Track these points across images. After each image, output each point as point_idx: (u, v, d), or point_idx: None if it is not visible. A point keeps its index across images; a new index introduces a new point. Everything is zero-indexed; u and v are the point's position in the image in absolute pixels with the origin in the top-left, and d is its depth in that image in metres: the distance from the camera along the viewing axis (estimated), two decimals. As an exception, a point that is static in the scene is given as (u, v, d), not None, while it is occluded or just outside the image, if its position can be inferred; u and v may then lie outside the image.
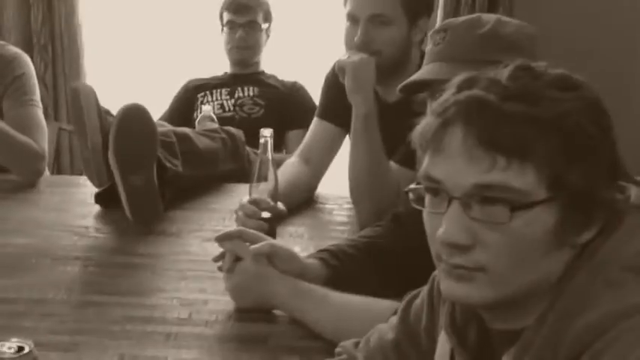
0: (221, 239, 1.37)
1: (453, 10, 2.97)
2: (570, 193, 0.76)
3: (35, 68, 2.84)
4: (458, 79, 0.82)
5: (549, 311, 0.77)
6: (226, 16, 2.70)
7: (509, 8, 2.97)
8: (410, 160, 1.65)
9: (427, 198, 0.82)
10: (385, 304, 1.19)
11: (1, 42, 2.17)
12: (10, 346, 1.00)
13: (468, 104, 0.77)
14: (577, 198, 0.76)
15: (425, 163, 0.82)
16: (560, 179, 0.75)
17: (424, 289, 1.02)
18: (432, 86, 1.26)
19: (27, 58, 2.15)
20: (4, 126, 1.98)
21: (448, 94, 0.81)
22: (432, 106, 0.82)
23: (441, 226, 0.78)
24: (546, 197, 0.75)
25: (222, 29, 2.71)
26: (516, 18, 2.86)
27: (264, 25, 2.72)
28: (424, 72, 1.32)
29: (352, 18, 1.84)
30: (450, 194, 0.78)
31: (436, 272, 0.98)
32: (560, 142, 0.75)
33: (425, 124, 0.82)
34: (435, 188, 0.80)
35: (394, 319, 1.06)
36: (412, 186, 0.84)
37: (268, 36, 2.75)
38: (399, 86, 1.39)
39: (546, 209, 0.76)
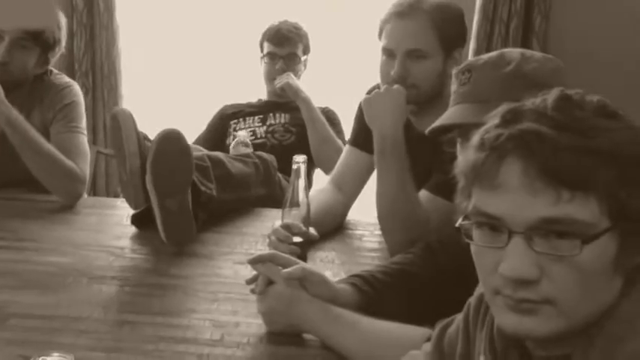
0: (254, 262, 1.39)
1: (486, 40, 2.99)
2: (630, 219, 0.77)
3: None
4: (501, 110, 0.82)
5: (597, 336, 0.78)
6: (267, 47, 2.73)
7: (542, 40, 2.98)
8: (443, 189, 1.66)
9: (477, 232, 0.82)
10: (417, 332, 1.20)
11: (56, 71, 2.25)
12: (51, 360, 1.04)
13: (524, 138, 0.77)
14: (635, 223, 0.77)
15: (475, 199, 0.81)
16: (622, 207, 0.77)
17: (458, 317, 1.03)
18: (460, 127, 1.27)
19: (77, 88, 2.23)
20: (52, 148, 2.04)
21: (494, 127, 0.81)
22: (478, 139, 0.82)
23: (504, 261, 0.78)
24: (609, 226, 0.76)
25: (262, 58, 2.75)
26: (550, 49, 2.88)
27: (304, 57, 2.76)
28: (451, 115, 1.33)
29: (388, 52, 1.83)
30: (511, 229, 0.78)
31: (471, 299, 0.99)
32: (619, 171, 0.76)
33: (474, 158, 0.81)
34: (491, 223, 0.80)
35: (427, 346, 1.07)
36: (462, 222, 0.83)
37: (305, 67, 2.79)
38: (428, 130, 1.40)
39: (610, 238, 0.77)
